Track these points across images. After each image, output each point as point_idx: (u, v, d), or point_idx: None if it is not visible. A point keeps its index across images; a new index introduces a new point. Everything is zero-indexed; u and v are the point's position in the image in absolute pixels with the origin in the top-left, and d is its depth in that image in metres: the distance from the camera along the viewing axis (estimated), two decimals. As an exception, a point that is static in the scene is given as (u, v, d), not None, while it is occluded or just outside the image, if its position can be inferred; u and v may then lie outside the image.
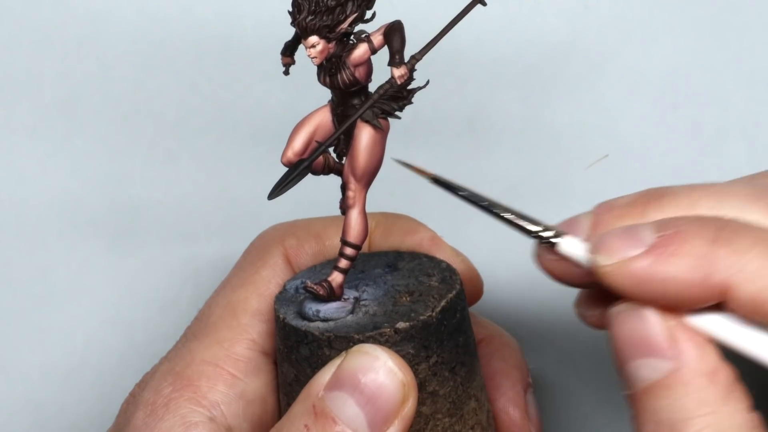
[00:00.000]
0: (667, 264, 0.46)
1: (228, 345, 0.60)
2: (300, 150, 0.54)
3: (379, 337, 0.52)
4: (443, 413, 0.55)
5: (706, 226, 0.47)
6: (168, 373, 0.59)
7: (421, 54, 0.52)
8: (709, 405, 0.45)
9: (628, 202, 0.51)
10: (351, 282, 0.57)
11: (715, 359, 0.46)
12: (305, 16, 0.51)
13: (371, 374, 0.50)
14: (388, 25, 0.52)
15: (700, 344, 0.46)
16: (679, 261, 0.46)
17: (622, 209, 0.51)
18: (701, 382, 0.46)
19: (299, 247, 0.63)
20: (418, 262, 0.59)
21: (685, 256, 0.46)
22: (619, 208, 0.51)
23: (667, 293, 0.46)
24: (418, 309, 0.54)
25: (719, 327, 0.47)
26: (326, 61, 0.53)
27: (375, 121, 0.53)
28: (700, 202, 0.50)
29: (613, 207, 0.51)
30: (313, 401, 0.51)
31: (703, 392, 0.46)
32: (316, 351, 0.53)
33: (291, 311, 0.56)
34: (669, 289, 0.46)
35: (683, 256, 0.46)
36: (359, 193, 0.54)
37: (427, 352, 0.53)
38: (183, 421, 0.56)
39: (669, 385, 0.46)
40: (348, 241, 0.55)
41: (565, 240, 0.50)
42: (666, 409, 0.46)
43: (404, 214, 0.64)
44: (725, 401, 0.46)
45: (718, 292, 0.46)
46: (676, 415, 0.46)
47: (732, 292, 0.45)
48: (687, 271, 0.46)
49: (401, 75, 0.52)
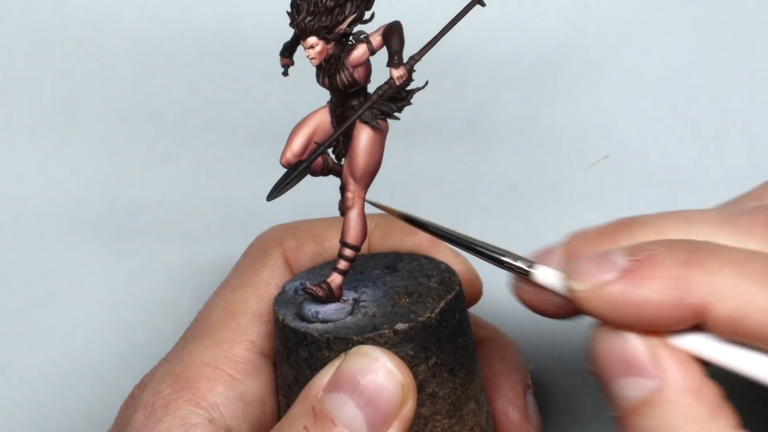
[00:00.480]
0: (641, 287, 0.46)
1: (227, 346, 0.60)
2: (299, 151, 0.54)
3: (378, 338, 0.52)
4: (442, 414, 0.55)
5: (678, 249, 0.47)
6: (167, 375, 0.59)
7: (420, 55, 0.52)
8: (696, 422, 0.45)
9: (598, 232, 0.51)
10: (350, 283, 0.57)
11: (700, 376, 0.46)
12: (304, 16, 0.51)
13: (370, 376, 0.50)
14: (387, 26, 0.52)
15: (683, 362, 0.46)
16: (653, 284, 0.46)
17: (593, 238, 0.51)
18: (687, 399, 0.46)
19: (298, 248, 0.63)
20: (417, 264, 0.59)
21: (658, 279, 0.46)
22: (591, 237, 0.51)
23: (643, 316, 0.46)
24: (417, 310, 0.54)
25: (701, 345, 0.47)
26: (325, 62, 0.53)
27: (374, 122, 0.53)
28: (668, 229, 0.50)
29: (584, 236, 0.51)
30: (312, 402, 0.51)
31: (689, 409, 0.45)
32: (315, 352, 0.53)
33: (290, 313, 0.56)
34: (645, 312, 0.46)
35: (657, 279, 0.46)
36: (358, 195, 0.54)
37: (427, 354, 0.53)
38: (182, 422, 0.56)
39: (654, 403, 0.46)
40: (347, 242, 0.55)
41: (539, 269, 0.50)
42: (653, 427, 0.46)
43: (404, 216, 0.64)
44: (712, 418, 0.45)
45: (694, 313, 0.46)
46: None
47: (708, 312, 0.45)
48: (661, 294, 0.46)
49: (400, 76, 0.52)
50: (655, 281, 0.46)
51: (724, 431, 0.45)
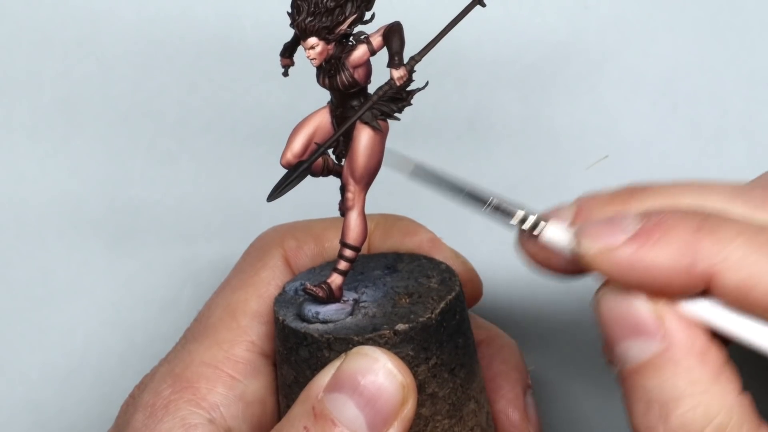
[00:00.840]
0: (652, 251, 0.47)
1: (227, 347, 0.59)
2: (299, 152, 0.54)
3: (379, 338, 0.52)
4: (443, 415, 0.55)
5: (690, 217, 0.47)
6: (167, 375, 0.59)
7: (420, 55, 0.52)
8: (700, 384, 0.46)
9: (610, 195, 0.52)
10: (350, 284, 0.57)
11: (704, 340, 0.47)
12: (304, 17, 0.51)
13: (370, 376, 0.50)
14: (387, 27, 0.52)
15: (688, 325, 0.47)
16: (664, 248, 0.46)
17: (604, 201, 0.51)
18: (691, 361, 0.46)
19: (299, 248, 0.63)
20: (418, 264, 0.59)
21: (669, 244, 0.46)
22: (602, 200, 0.51)
23: (651, 280, 0.47)
24: (417, 311, 0.54)
25: (706, 312, 0.47)
26: (325, 62, 0.53)
27: (374, 122, 0.53)
28: (681, 197, 0.50)
29: (595, 199, 0.51)
30: (312, 403, 0.51)
31: (693, 372, 0.46)
32: (316, 353, 0.53)
33: (290, 313, 0.56)
34: (653, 276, 0.47)
35: (667, 244, 0.46)
36: (358, 195, 0.54)
37: (427, 354, 0.53)
38: (182, 422, 0.56)
39: (659, 364, 0.46)
40: (347, 242, 0.55)
41: (549, 226, 0.50)
42: (656, 388, 0.46)
43: (404, 216, 0.64)
44: (716, 381, 0.46)
45: (703, 280, 0.46)
46: (666, 393, 0.46)
47: (716, 280, 0.46)
48: (671, 259, 0.46)
49: (400, 76, 0.52)
50: (666, 246, 0.46)
51: (726, 395, 0.46)
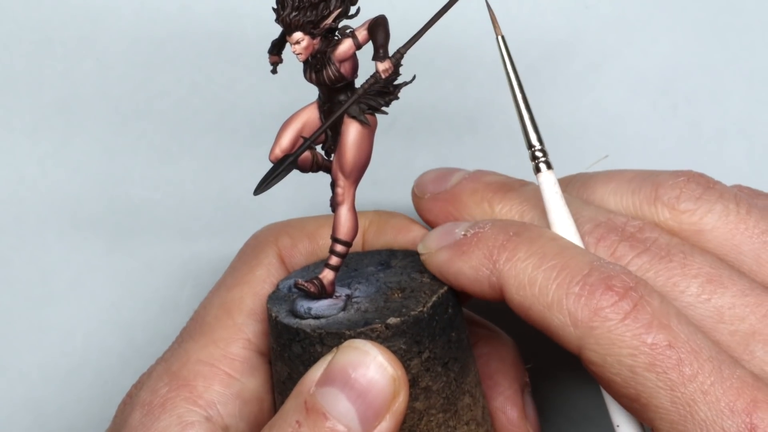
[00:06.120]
0: (459, 260, 0.53)
1: (224, 345, 0.60)
2: (287, 147, 0.54)
3: (370, 332, 0.52)
4: (437, 409, 0.55)
5: (503, 230, 0.53)
6: (164, 374, 0.59)
7: (405, 48, 0.52)
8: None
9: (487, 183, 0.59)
10: (343, 280, 0.57)
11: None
12: (289, 12, 0.52)
13: (362, 369, 0.51)
14: (372, 20, 0.52)
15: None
16: (468, 258, 0.53)
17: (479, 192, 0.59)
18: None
19: (293, 246, 0.63)
20: (411, 260, 0.59)
21: (472, 256, 0.53)
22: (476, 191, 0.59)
23: (460, 284, 0.54)
24: (409, 305, 0.54)
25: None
26: (311, 57, 0.53)
27: (362, 116, 0.53)
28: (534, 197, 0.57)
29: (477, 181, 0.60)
30: (304, 397, 0.51)
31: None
32: (308, 348, 0.54)
33: (283, 310, 0.56)
34: (460, 281, 0.54)
35: (472, 255, 0.53)
36: (348, 190, 0.54)
37: (419, 348, 0.53)
38: (179, 420, 0.57)
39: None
40: (338, 238, 0.55)
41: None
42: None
43: (398, 213, 0.64)
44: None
45: (497, 291, 0.52)
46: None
47: (505, 294, 0.52)
48: (471, 269, 0.53)
49: (385, 69, 0.52)
50: (470, 257, 0.53)
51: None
